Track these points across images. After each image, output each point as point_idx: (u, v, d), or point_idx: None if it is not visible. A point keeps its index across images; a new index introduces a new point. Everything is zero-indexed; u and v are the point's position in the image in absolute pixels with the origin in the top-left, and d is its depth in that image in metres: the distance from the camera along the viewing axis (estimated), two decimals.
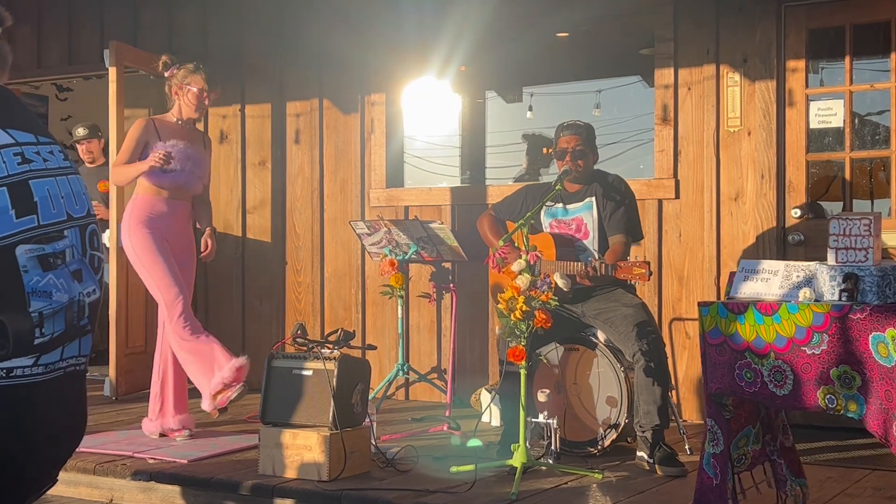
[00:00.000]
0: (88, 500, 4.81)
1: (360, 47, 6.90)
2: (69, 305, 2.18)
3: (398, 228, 6.10)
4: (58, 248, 2.18)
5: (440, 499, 4.19)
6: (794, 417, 5.72)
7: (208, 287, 7.45)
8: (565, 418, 4.95)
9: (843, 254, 3.47)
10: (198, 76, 5.45)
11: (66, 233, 2.21)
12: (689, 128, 5.99)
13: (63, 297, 2.16)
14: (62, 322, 2.16)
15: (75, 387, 2.29)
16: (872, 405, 3.24)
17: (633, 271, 4.63)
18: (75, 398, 2.31)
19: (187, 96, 5.44)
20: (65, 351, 2.20)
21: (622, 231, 5.02)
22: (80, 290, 2.21)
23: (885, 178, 6.00)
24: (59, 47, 7.90)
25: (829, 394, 3.33)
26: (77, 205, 2.27)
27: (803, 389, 3.37)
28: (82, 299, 2.22)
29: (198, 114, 5.51)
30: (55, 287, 2.15)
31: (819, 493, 4.28)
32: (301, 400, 4.58)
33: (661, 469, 4.62)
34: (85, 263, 2.24)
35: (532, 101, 9.48)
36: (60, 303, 2.15)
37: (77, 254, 2.23)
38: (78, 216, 2.25)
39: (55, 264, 2.16)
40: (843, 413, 3.32)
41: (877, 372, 3.23)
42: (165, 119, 5.52)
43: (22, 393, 2.11)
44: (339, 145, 7.04)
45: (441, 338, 6.63)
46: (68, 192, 2.25)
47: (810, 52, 5.78)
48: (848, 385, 3.29)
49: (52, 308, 2.14)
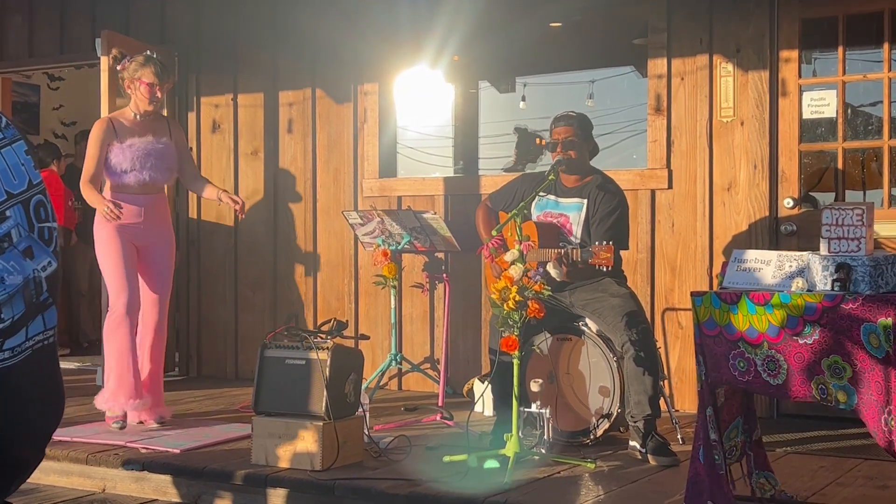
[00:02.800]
0: (81, 490, 4.81)
1: (352, 37, 6.88)
2: (25, 286, 2.14)
3: (391, 218, 6.09)
4: (2, 230, 2.14)
5: (433, 488, 4.20)
6: (786, 407, 5.77)
7: (201, 278, 7.44)
8: (557, 408, 4.95)
9: (836, 244, 3.48)
10: (147, 69, 5.40)
11: (9, 213, 2.15)
12: (683, 118, 5.99)
13: (17, 279, 2.13)
14: (21, 303, 2.14)
15: (47, 361, 2.27)
16: (864, 395, 3.25)
17: (601, 256, 4.63)
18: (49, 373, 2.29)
19: (139, 90, 5.42)
20: (29, 329, 2.17)
21: (606, 240, 4.95)
22: (33, 266, 2.18)
23: (877, 169, 6.01)
24: (50, 36, 7.87)
25: (821, 384, 3.33)
26: (15, 179, 2.19)
27: (797, 379, 3.38)
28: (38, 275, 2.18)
29: (152, 106, 5.46)
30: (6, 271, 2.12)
31: (811, 482, 4.30)
32: (294, 390, 4.58)
33: (653, 459, 4.63)
34: (34, 239, 2.20)
35: (525, 91, 9.46)
36: (15, 285, 2.12)
37: (24, 231, 2.18)
38: (18, 192, 2.18)
39: (2, 248, 2.12)
40: (833, 404, 3.33)
41: (868, 363, 3.24)
42: (124, 115, 5.50)
43: None
44: (332, 135, 7.03)
45: (434, 328, 6.63)
46: (4, 167, 2.17)
47: (803, 43, 5.78)
48: (838, 375, 3.29)
49: (7, 293, 2.11)
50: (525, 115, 9.32)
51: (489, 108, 9.59)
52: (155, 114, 5.55)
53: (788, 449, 4.93)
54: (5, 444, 2.13)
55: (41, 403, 2.24)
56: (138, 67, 5.42)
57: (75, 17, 7.78)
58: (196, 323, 7.46)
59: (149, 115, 5.50)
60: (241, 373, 7.25)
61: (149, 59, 5.45)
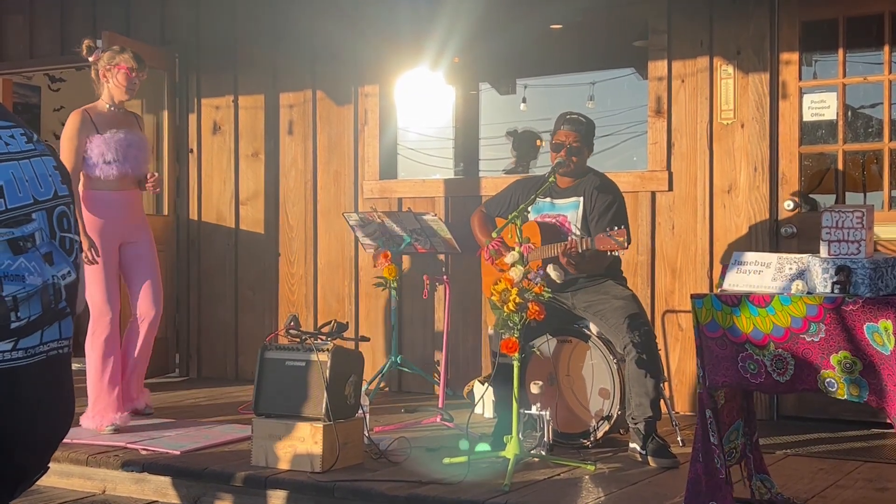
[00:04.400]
0: (81, 492, 4.80)
1: (353, 38, 6.89)
2: (44, 288, 2.17)
3: (391, 220, 6.09)
4: (26, 231, 2.17)
5: (433, 490, 4.20)
6: (785, 409, 5.77)
7: (201, 278, 7.44)
8: (558, 410, 4.95)
9: (836, 246, 3.47)
10: (125, 55, 5.38)
11: (34, 216, 2.19)
12: (683, 120, 5.99)
13: (36, 281, 2.15)
14: (38, 305, 2.15)
15: (60, 370, 2.28)
16: (878, 387, 3.24)
17: (615, 238, 4.63)
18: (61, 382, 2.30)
19: (117, 77, 5.36)
20: (44, 335, 2.19)
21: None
22: (53, 272, 2.20)
23: (877, 171, 6.01)
24: (51, 37, 7.88)
25: (830, 378, 3.33)
26: (42, 188, 2.24)
27: (804, 373, 3.37)
28: (57, 282, 2.21)
29: (128, 95, 5.42)
30: (27, 270, 2.14)
31: (811, 484, 4.30)
32: (294, 391, 4.58)
33: (653, 461, 4.63)
34: (55, 246, 2.23)
35: (525, 92, 9.48)
36: (34, 286, 2.14)
37: (46, 236, 2.21)
38: (44, 199, 2.23)
39: (25, 248, 2.15)
40: (844, 397, 3.32)
41: (878, 358, 3.24)
42: (98, 108, 5.43)
43: (4, 377, 2.11)
44: (333, 137, 7.04)
45: (434, 329, 6.63)
46: (32, 176, 2.23)
47: (804, 45, 5.78)
48: (849, 370, 3.29)
49: (26, 291, 2.13)
50: (526, 117, 9.32)
51: (490, 110, 9.60)
52: (125, 108, 5.52)
53: (788, 451, 4.93)
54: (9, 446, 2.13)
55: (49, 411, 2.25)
56: (114, 55, 5.39)
57: (75, 18, 7.79)
58: (196, 324, 7.46)
59: (122, 108, 5.46)
60: (241, 374, 7.25)
61: (124, 48, 5.44)
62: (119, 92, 5.39)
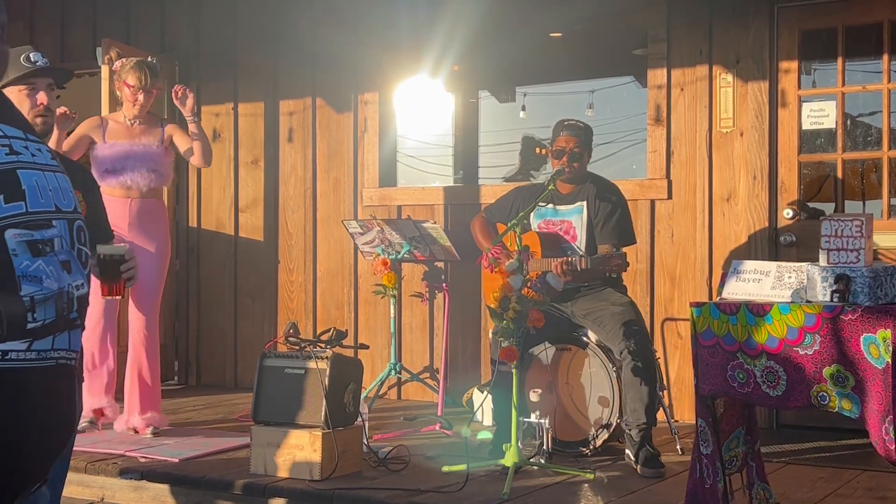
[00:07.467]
0: (79, 499, 4.79)
1: (353, 46, 6.89)
2: (59, 294, 2.18)
3: (391, 228, 6.10)
4: (46, 235, 2.19)
5: (432, 498, 4.19)
6: (785, 418, 5.76)
7: (200, 286, 7.44)
8: (557, 418, 4.95)
9: (835, 255, 3.47)
10: (133, 72, 5.38)
11: (55, 223, 2.22)
12: (682, 128, 6.00)
13: (53, 285, 2.16)
14: (53, 310, 2.17)
15: (66, 381, 2.28)
16: (867, 405, 3.25)
17: (613, 262, 4.64)
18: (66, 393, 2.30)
19: (123, 92, 5.43)
20: (56, 341, 2.20)
21: (613, 241, 5.01)
22: (69, 281, 2.22)
23: (876, 180, 6.02)
24: (51, 44, 7.87)
25: (822, 392, 3.33)
26: (64, 199, 2.28)
27: (796, 389, 3.37)
28: (71, 291, 2.22)
29: (136, 110, 5.41)
30: (45, 273, 2.16)
31: (810, 493, 4.29)
32: (293, 399, 4.57)
33: (640, 469, 4.62)
34: (73, 256, 2.25)
35: (525, 100, 9.48)
36: (51, 290, 2.16)
37: (66, 244, 2.23)
38: (66, 210, 2.26)
39: (44, 251, 2.17)
40: (836, 411, 3.32)
41: (869, 372, 3.23)
42: (116, 118, 5.51)
43: (16, 377, 2.11)
44: (332, 144, 7.04)
45: (433, 337, 6.62)
46: (56, 187, 2.26)
47: (803, 53, 5.79)
48: (841, 384, 3.29)
49: (42, 294, 2.14)
50: (525, 125, 9.34)
51: (489, 118, 9.61)
52: (147, 118, 5.50)
53: (788, 460, 4.93)
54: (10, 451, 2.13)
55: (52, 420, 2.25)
56: (122, 70, 5.43)
57: (76, 26, 7.80)
58: (195, 331, 7.46)
59: (138, 121, 5.46)
60: (240, 381, 7.25)
61: (140, 63, 5.43)
62: (127, 105, 5.45)
